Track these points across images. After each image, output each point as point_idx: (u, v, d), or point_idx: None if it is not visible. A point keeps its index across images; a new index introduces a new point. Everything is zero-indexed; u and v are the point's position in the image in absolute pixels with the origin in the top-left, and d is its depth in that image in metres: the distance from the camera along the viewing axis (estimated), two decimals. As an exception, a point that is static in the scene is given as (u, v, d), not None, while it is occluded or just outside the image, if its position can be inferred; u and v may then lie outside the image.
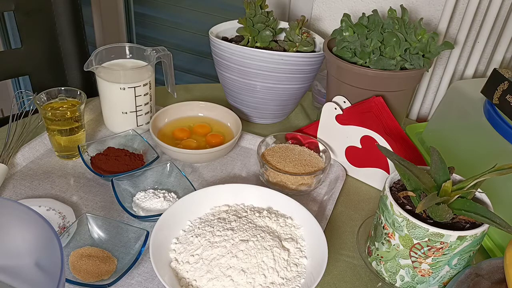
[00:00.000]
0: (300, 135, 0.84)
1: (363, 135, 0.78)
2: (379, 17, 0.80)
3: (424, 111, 1.15)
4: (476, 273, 0.55)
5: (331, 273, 0.65)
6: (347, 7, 1.10)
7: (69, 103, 0.79)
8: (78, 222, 0.64)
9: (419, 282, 0.59)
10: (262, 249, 0.59)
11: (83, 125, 0.80)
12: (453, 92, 0.87)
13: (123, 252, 0.63)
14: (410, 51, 0.77)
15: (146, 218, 0.67)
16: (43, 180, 0.76)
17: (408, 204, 0.59)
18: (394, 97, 0.80)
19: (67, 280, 0.58)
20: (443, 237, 0.54)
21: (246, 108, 0.93)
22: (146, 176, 0.75)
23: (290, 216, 0.67)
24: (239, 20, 0.89)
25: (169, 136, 0.85)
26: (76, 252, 0.61)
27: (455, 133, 0.82)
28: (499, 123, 0.70)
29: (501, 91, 0.71)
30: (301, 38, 0.88)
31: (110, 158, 0.78)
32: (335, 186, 0.79)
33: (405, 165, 0.58)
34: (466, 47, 1.03)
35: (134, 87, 0.82)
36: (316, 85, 1.00)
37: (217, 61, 0.90)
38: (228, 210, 0.67)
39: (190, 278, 0.57)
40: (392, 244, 0.59)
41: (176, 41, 1.65)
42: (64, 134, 0.77)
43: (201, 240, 0.61)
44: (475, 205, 0.55)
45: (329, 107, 0.81)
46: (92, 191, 0.75)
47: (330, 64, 0.83)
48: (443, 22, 0.98)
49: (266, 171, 0.77)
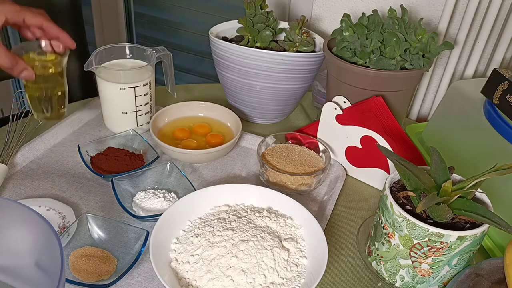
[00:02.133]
0: (300, 135, 0.84)
1: (363, 135, 0.78)
2: (379, 17, 0.80)
3: (424, 111, 1.15)
4: (476, 273, 0.55)
5: (331, 273, 0.65)
6: (347, 7, 1.10)
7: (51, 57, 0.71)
8: (78, 222, 0.64)
9: (419, 282, 0.59)
10: (262, 249, 0.59)
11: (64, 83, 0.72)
12: (453, 92, 0.87)
13: (123, 252, 0.64)
14: (410, 51, 0.77)
15: (146, 218, 0.67)
16: (43, 180, 0.76)
17: (408, 204, 0.59)
18: (394, 97, 0.80)
19: (67, 280, 0.58)
20: (443, 237, 0.54)
21: (246, 108, 0.93)
22: (146, 176, 0.75)
23: (290, 216, 0.67)
24: (239, 20, 0.89)
25: (169, 136, 0.85)
26: (76, 252, 0.61)
27: (455, 133, 0.82)
28: (499, 123, 0.70)
29: (501, 91, 0.71)
30: (301, 38, 0.88)
31: (110, 158, 0.78)
32: (335, 186, 0.79)
33: (405, 165, 0.58)
34: (466, 47, 1.03)
35: (134, 87, 0.82)
36: (316, 85, 1.00)
37: (217, 61, 0.90)
38: (228, 210, 0.67)
39: (190, 278, 0.57)
40: (392, 244, 0.59)
41: (176, 41, 1.65)
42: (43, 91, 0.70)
43: (201, 240, 0.61)
44: (475, 205, 0.55)
45: (329, 107, 0.81)
46: (92, 191, 0.75)
47: (330, 64, 0.83)
48: (443, 22, 0.98)
49: (266, 171, 0.77)
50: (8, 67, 0.63)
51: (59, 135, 0.85)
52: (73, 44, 0.70)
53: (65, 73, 0.73)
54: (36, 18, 0.67)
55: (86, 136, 0.87)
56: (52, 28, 0.68)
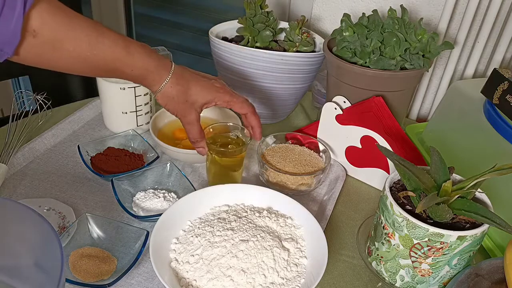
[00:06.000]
0: (300, 135, 0.84)
1: (363, 135, 0.78)
2: (379, 17, 0.80)
3: (424, 111, 1.15)
4: (476, 273, 0.55)
5: (331, 273, 0.65)
6: (347, 7, 1.10)
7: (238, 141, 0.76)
8: (78, 222, 0.64)
9: (419, 282, 0.59)
10: (262, 249, 0.59)
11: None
12: (453, 92, 0.87)
13: (123, 252, 0.63)
14: (410, 51, 0.77)
15: (146, 218, 0.68)
16: (43, 180, 0.76)
17: (408, 204, 0.59)
18: (394, 97, 0.80)
19: (67, 280, 0.58)
20: (443, 237, 0.54)
21: (246, 108, 0.93)
22: (146, 176, 0.75)
23: (290, 216, 0.67)
24: (239, 20, 0.89)
25: (169, 136, 0.85)
26: (76, 252, 0.61)
27: (455, 133, 0.82)
28: (499, 123, 0.70)
29: (501, 91, 0.71)
30: (301, 38, 0.88)
31: (110, 158, 0.78)
32: (335, 186, 0.79)
33: (405, 165, 0.58)
34: (466, 47, 1.03)
35: (134, 87, 0.82)
36: (316, 85, 1.00)
37: (217, 61, 0.90)
38: (228, 210, 0.67)
39: (190, 278, 0.57)
40: (392, 244, 0.59)
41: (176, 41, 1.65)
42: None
43: (201, 240, 0.61)
44: (475, 205, 0.55)
45: (329, 107, 0.81)
46: (92, 191, 0.75)
47: (330, 64, 0.83)
48: (443, 22, 0.98)
49: (266, 171, 0.77)
50: (193, 140, 0.71)
51: (59, 135, 0.85)
52: (260, 138, 0.74)
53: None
54: (243, 109, 0.71)
55: (86, 136, 0.87)
56: (253, 120, 0.73)
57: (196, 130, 0.69)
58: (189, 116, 0.68)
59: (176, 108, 0.68)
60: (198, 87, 0.67)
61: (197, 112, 0.68)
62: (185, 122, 0.69)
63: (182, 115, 0.68)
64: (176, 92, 0.66)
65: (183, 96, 0.66)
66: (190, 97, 0.67)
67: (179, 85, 0.66)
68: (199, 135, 0.70)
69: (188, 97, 0.67)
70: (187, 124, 0.69)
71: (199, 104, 0.68)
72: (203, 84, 0.68)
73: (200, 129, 0.70)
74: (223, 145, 0.74)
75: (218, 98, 0.69)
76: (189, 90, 0.67)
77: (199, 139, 0.70)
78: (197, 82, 0.68)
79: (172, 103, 0.67)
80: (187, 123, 0.69)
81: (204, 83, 0.68)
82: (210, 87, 0.68)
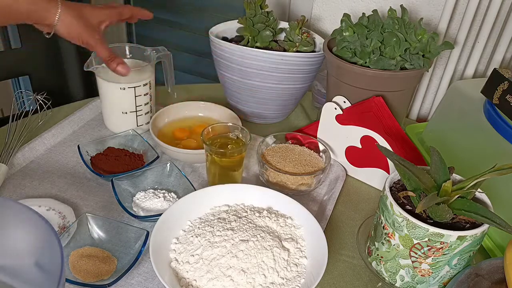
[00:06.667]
0: (300, 135, 0.84)
1: (363, 135, 0.78)
2: (379, 17, 0.80)
3: (424, 111, 1.15)
4: (476, 273, 0.55)
5: (331, 273, 0.65)
6: (347, 7, 1.10)
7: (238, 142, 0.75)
8: (78, 222, 0.64)
9: (419, 282, 0.59)
10: (262, 249, 0.59)
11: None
12: (453, 92, 0.87)
13: (123, 252, 0.63)
14: (410, 51, 0.77)
15: (146, 218, 0.68)
16: (43, 180, 0.76)
17: (408, 204, 0.59)
18: (394, 97, 0.80)
19: (67, 280, 0.58)
20: (443, 237, 0.54)
21: (246, 108, 0.93)
22: (146, 176, 0.75)
23: (290, 216, 0.67)
24: (239, 20, 0.89)
25: (169, 136, 0.85)
26: (76, 252, 0.61)
27: (455, 133, 0.82)
28: (499, 123, 0.70)
29: (501, 91, 0.71)
30: (301, 38, 0.88)
31: (110, 158, 0.78)
32: (335, 186, 0.79)
33: (405, 165, 0.58)
34: (466, 47, 1.03)
35: (134, 87, 0.82)
36: (316, 85, 1.00)
37: (217, 61, 0.90)
38: (228, 210, 0.67)
39: (190, 278, 0.57)
40: (392, 244, 0.59)
41: (176, 41, 1.65)
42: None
43: (201, 240, 0.61)
44: (475, 205, 0.55)
45: (329, 107, 0.81)
46: (92, 191, 0.75)
47: (330, 64, 0.83)
48: (443, 22, 0.98)
49: (266, 171, 0.77)
50: (108, 60, 0.75)
51: (59, 135, 0.85)
52: (150, 14, 0.82)
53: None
54: (131, 10, 0.81)
55: (86, 136, 0.87)
56: (132, 8, 0.81)
57: (105, 49, 0.75)
58: (93, 38, 0.73)
59: (80, 33, 0.72)
60: (90, 8, 0.74)
61: (98, 33, 0.74)
62: (93, 44, 0.73)
63: (87, 40, 0.73)
64: (71, 18, 0.71)
65: (81, 20, 0.72)
66: (87, 20, 0.73)
67: (72, 10, 0.71)
68: (110, 52, 0.75)
69: (85, 20, 0.72)
70: (95, 46, 0.74)
71: (96, 23, 0.74)
72: (93, 6, 0.75)
73: (108, 47, 0.75)
74: (223, 146, 0.74)
75: (110, 12, 0.76)
76: (83, 14, 0.72)
77: (113, 55, 0.75)
78: (87, 6, 0.74)
79: (73, 30, 0.72)
80: (95, 44, 0.73)
81: (94, 5, 0.76)
82: (101, 7, 0.76)
